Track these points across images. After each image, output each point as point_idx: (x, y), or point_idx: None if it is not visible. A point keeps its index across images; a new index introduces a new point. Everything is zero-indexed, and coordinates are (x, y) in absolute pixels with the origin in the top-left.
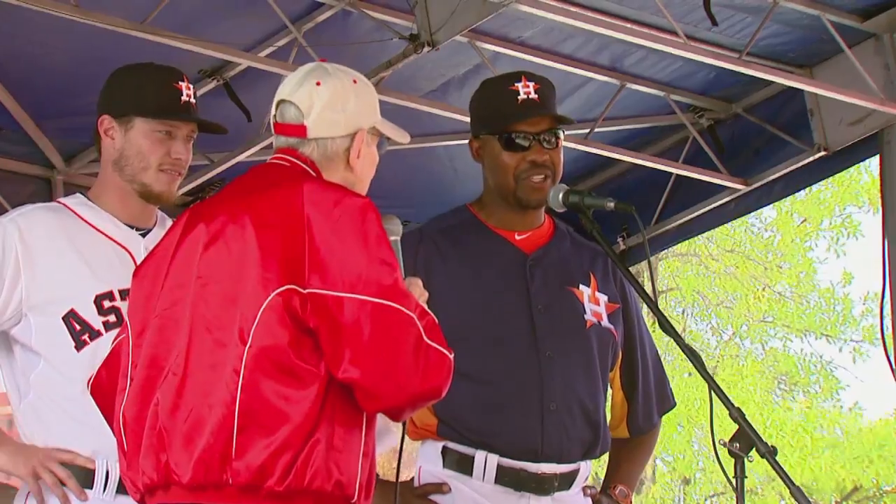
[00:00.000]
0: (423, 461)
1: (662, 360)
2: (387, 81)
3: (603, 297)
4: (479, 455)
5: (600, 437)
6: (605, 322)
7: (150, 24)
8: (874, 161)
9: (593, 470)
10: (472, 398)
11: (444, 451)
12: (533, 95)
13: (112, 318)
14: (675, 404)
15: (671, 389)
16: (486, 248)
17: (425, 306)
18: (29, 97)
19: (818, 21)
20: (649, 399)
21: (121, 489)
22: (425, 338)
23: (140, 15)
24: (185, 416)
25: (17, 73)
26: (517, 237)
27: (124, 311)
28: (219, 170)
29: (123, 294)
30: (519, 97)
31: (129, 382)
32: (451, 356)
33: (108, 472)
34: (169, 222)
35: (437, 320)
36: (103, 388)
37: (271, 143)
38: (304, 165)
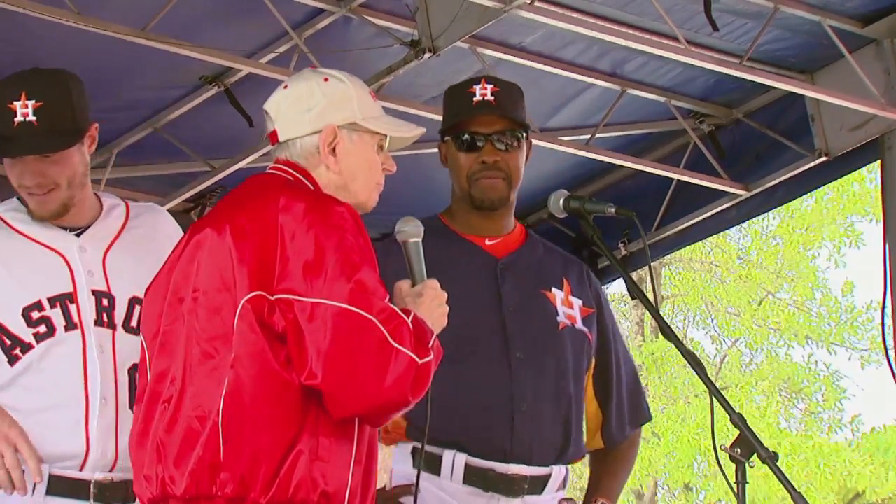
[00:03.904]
0: (396, 463)
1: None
2: (388, 87)
3: (577, 301)
4: (447, 454)
5: (571, 441)
6: (579, 325)
7: (151, 30)
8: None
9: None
10: (441, 399)
11: (414, 451)
12: (489, 97)
13: (42, 328)
14: (650, 417)
15: (647, 403)
16: (455, 253)
17: (435, 309)
18: None
19: (819, 27)
20: (622, 408)
21: (51, 490)
22: (392, 342)
23: (141, 21)
24: (180, 430)
25: None
26: (487, 242)
27: (55, 319)
28: (220, 176)
29: (52, 302)
30: (474, 98)
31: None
32: (425, 360)
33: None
34: (117, 211)
35: (409, 323)
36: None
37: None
38: (296, 174)
